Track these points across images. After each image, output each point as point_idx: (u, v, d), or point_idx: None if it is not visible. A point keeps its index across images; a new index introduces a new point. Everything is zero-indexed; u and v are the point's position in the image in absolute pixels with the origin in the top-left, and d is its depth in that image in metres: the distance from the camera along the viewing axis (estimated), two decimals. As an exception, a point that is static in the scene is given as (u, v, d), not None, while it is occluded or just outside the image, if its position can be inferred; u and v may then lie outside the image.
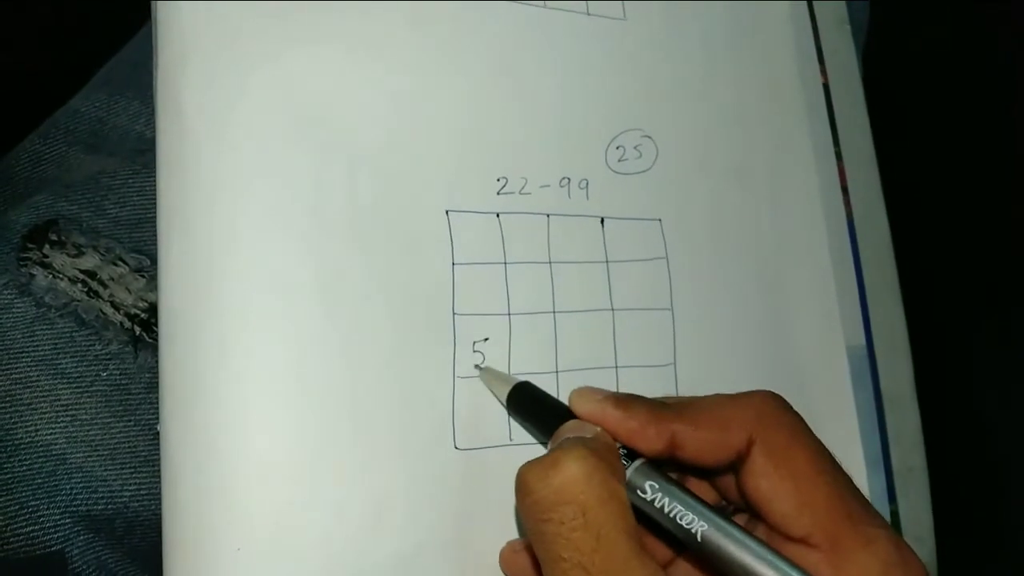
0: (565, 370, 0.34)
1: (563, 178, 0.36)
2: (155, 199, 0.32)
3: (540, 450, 0.33)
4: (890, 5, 0.47)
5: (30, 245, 0.38)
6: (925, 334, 0.41)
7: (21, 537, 0.33)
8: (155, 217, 0.32)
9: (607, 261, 0.36)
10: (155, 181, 0.32)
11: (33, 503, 0.34)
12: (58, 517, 0.34)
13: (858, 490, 0.27)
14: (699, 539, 0.25)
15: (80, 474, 0.35)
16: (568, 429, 0.28)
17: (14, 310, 0.36)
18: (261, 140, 0.32)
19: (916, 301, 0.41)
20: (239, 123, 0.32)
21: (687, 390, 0.35)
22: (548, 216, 0.35)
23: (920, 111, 0.46)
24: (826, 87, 0.40)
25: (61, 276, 0.37)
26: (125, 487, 0.35)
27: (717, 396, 0.29)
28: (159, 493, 0.31)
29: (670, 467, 0.29)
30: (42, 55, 0.50)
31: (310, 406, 0.31)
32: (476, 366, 0.34)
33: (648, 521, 0.26)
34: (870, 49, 0.47)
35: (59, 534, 0.34)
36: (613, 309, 0.35)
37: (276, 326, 0.31)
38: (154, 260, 0.38)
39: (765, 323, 0.38)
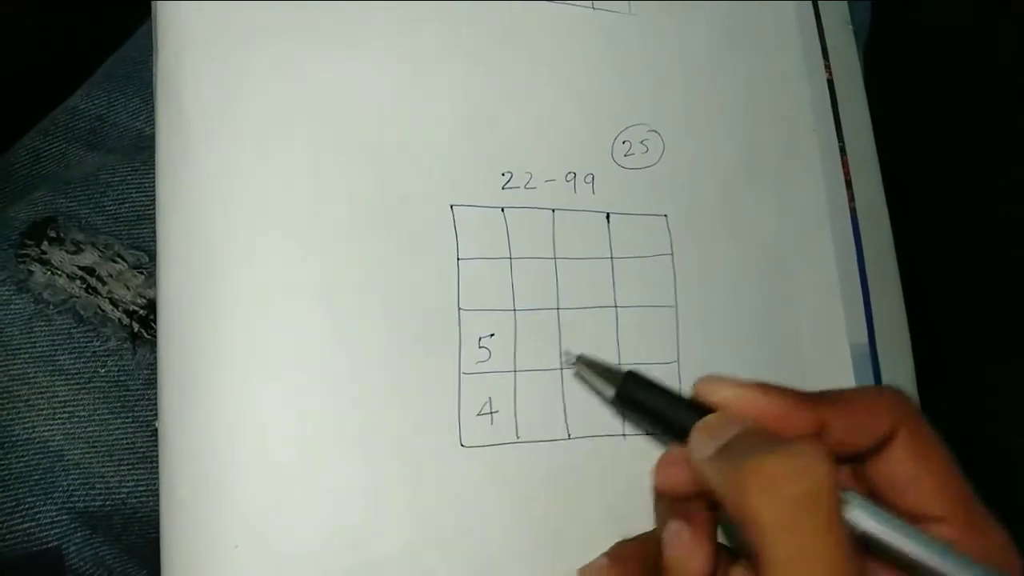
0: (569, 366, 0.34)
1: (569, 173, 0.36)
2: (154, 196, 0.32)
3: (548, 447, 0.33)
4: (893, 3, 0.47)
5: (28, 242, 0.38)
6: (927, 332, 0.41)
7: (18, 533, 0.33)
8: (154, 214, 0.32)
9: (612, 257, 0.35)
10: (154, 178, 0.32)
11: (30, 499, 0.34)
12: (55, 513, 0.34)
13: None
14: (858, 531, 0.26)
15: (78, 470, 0.34)
16: (719, 421, 0.28)
17: (12, 306, 0.36)
18: (262, 136, 0.32)
19: (918, 298, 0.41)
20: (240, 119, 0.32)
21: (691, 388, 0.35)
22: (553, 211, 0.35)
23: (921, 107, 0.47)
24: (830, 83, 0.40)
25: (59, 272, 0.37)
26: (123, 483, 0.35)
27: (848, 389, 0.30)
28: (157, 490, 0.31)
29: None
30: (42, 52, 0.50)
31: (312, 403, 0.31)
32: (567, 352, 0.34)
33: None
34: (872, 46, 0.47)
35: (56, 530, 0.34)
36: (617, 306, 0.35)
37: (278, 322, 0.31)
38: (153, 257, 0.37)
39: (769, 320, 0.37)
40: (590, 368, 0.32)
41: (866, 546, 0.26)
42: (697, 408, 0.29)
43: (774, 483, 0.24)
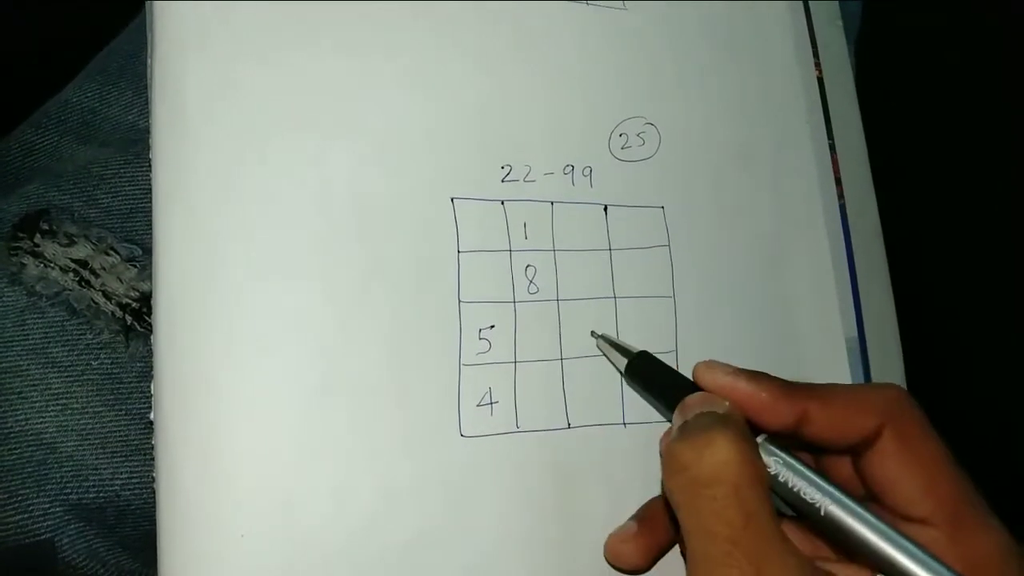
0: (569, 357, 0.34)
1: (567, 165, 0.36)
2: (147, 189, 0.32)
3: (548, 436, 0.33)
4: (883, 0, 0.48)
5: (21, 234, 0.37)
6: (918, 327, 0.41)
7: (11, 526, 0.33)
8: (147, 207, 0.32)
9: (610, 249, 0.36)
10: (147, 171, 0.32)
11: (23, 492, 0.33)
12: (48, 505, 0.33)
13: (977, 488, 0.28)
14: (822, 513, 0.26)
15: (71, 463, 0.34)
16: (698, 401, 0.29)
17: (5, 299, 0.36)
18: (263, 129, 0.32)
19: (909, 294, 0.41)
20: (240, 112, 0.32)
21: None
22: (552, 203, 0.35)
23: (912, 104, 0.47)
24: (820, 81, 0.41)
25: (52, 265, 0.37)
26: (116, 476, 0.35)
27: (846, 384, 0.30)
28: (151, 482, 0.31)
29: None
30: (34, 45, 0.49)
31: (314, 394, 0.31)
32: (592, 333, 0.35)
33: None
34: (862, 44, 0.48)
35: (49, 522, 0.33)
36: (615, 297, 0.35)
37: (280, 314, 0.31)
38: (146, 250, 0.37)
39: (765, 311, 0.38)
40: (609, 344, 0.34)
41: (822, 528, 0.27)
42: (693, 390, 0.30)
43: (680, 466, 0.26)
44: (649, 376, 0.33)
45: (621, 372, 0.34)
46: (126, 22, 0.43)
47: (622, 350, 0.34)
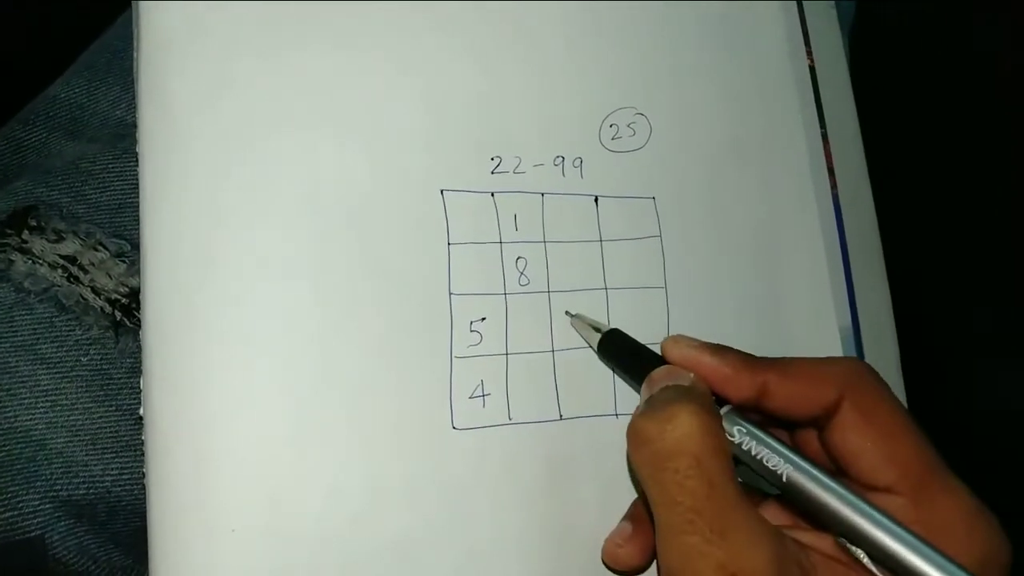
0: (560, 349, 0.34)
1: (557, 156, 0.36)
2: (136, 184, 0.32)
3: (540, 428, 0.33)
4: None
5: (8, 231, 0.37)
6: (914, 316, 0.41)
7: (0, 523, 0.32)
8: (136, 202, 0.32)
9: (601, 240, 0.36)
10: (136, 166, 0.32)
11: (12, 488, 0.33)
12: (38, 502, 0.33)
13: (938, 452, 0.28)
14: (784, 480, 0.27)
15: (61, 459, 0.34)
16: (663, 375, 0.29)
17: None
18: (250, 124, 0.32)
19: (905, 284, 0.41)
20: (227, 107, 0.32)
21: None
22: (543, 195, 0.35)
23: (908, 94, 0.47)
24: (812, 69, 0.41)
25: (41, 261, 0.36)
26: (107, 472, 0.34)
27: (807, 357, 0.30)
28: (142, 478, 0.31)
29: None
30: (21, 41, 0.49)
31: (306, 388, 0.31)
32: (566, 312, 0.35)
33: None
34: (857, 34, 0.47)
35: (39, 519, 0.33)
36: (607, 288, 0.35)
37: (269, 308, 0.31)
38: (134, 245, 0.37)
39: (758, 300, 0.38)
40: (583, 323, 0.34)
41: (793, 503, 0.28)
42: (661, 364, 0.30)
43: (643, 440, 0.27)
44: (620, 352, 0.33)
45: (594, 349, 0.34)
46: (113, 17, 0.43)
47: (595, 328, 0.34)
